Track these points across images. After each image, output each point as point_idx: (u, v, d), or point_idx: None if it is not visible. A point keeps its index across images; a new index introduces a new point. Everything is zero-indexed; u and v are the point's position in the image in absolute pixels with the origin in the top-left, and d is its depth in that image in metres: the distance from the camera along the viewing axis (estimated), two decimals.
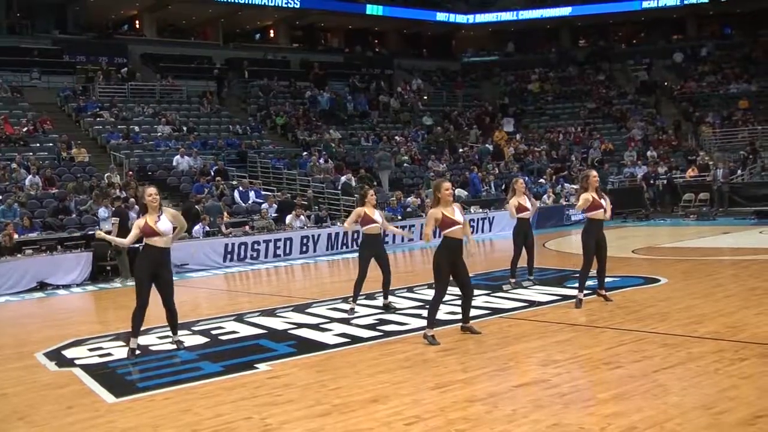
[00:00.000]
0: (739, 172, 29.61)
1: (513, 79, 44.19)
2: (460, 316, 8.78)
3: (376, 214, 10.87)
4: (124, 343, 9.43)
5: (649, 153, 33.37)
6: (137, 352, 8.68)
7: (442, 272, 8.36)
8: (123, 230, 17.70)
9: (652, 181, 28.65)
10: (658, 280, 11.93)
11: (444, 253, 8.34)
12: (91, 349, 9.35)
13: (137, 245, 9.32)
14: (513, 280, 12.15)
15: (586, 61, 44.97)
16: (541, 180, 29.82)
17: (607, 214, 10.06)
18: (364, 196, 11.06)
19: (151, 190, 8.85)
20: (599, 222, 10.10)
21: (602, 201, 10.05)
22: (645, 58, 43.83)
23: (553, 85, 42.85)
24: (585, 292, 10.06)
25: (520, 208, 12.13)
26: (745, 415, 5.34)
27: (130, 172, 24.05)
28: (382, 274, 10.89)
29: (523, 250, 12.27)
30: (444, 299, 8.70)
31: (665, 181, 29.11)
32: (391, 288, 11.14)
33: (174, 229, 8.80)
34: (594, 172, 10.37)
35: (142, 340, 9.27)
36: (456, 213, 8.38)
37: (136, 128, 28.49)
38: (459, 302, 8.83)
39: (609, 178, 30.62)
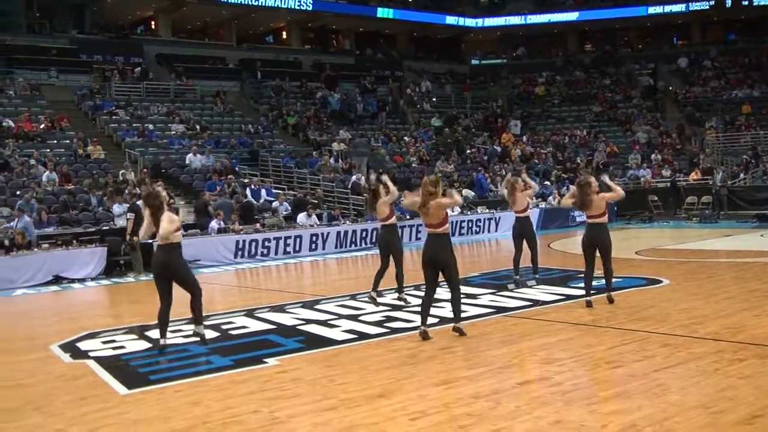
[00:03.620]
0: (742, 175, 29.58)
1: (520, 82, 44.16)
2: (463, 315, 8.75)
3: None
4: (137, 336, 9.49)
5: (653, 156, 33.33)
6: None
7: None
8: (138, 226, 17.80)
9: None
10: (661, 281, 11.92)
11: (450, 245, 8.51)
12: (104, 342, 9.39)
13: (153, 241, 9.35)
14: (517, 277, 12.11)
15: (593, 66, 44.93)
16: (547, 182, 29.78)
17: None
18: (375, 191, 11.11)
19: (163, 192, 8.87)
20: (590, 224, 10.07)
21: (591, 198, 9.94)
22: (650, 63, 43.84)
23: (560, 89, 42.82)
24: (591, 291, 10.03)
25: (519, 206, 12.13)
26: (743, 414, 5.34)
27: (145, 170, 24.11)
28: (396, 267, 11.05)
29: (527, 249, 12.24)
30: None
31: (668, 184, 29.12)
32: (395, 286, 11.21)
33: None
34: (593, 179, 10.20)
35: (154, 333, 9.32)
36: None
37: (151, 126, 28.57)
38: (462, 301, 8.82)
39: (613, 181, 30.50)
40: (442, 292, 11.21)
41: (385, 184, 11.14)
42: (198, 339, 8.92)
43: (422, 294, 8.76)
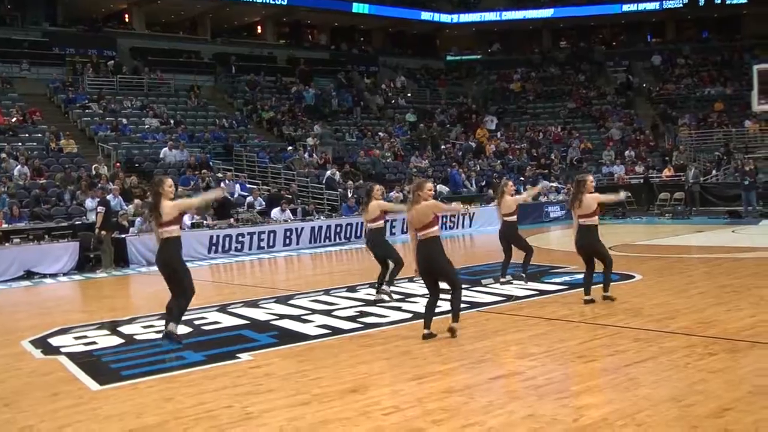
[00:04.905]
0: (714, 172, 29.83)
1: (495, 78, 44.28)
2: (437, 310, 8.71)
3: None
4: (109, 332, 9.43)
5: (626, 153, 33.55)
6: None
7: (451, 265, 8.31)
8: (108, 221, 17.69)
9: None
10: (633, 277, 12.01)
11: (441, 249, 8.21)
12: (76, 338, 9.32)
13: (121, 236, 9.30)
14: (503, 279, 11.96)
15: (567, 62, 45.13)
16: (521, 178, 29.90)
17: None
18: (371, 191, 11.05)
19: (170, 181, 8.65)
20: (579, 226, 9.90)
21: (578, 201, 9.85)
22: (624, 60, 44.12)
23: (535, 85, 42.98)
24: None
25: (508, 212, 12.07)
26: (713, 408, 5.39)
27: (118, 164, 23.92)
28: (394, 263, 10.94)
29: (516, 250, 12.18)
30: (425, 293, 8.67)
31: (641, 181, 29.31)
32: (371, 281, 11.18)
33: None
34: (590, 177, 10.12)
35: (126, 329, 9.24)
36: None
37: (124, 120, 28.33)
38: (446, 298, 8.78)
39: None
40: (417, 288, 11.25)
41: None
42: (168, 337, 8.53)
43: (412, 286, 8.70)
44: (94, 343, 8.97)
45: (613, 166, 32.04)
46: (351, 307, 10.50)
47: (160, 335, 8.77)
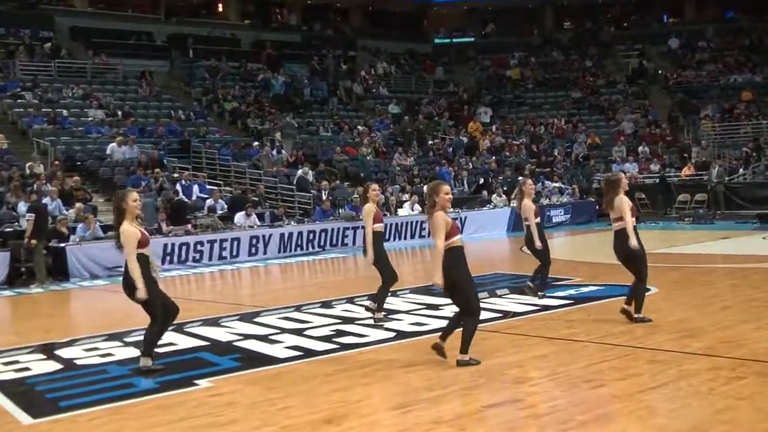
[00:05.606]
0: (741, 170, 29.94)
1: (490, 63, 44.36)
2: (424, 328, 8.74)
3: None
4: (44, 356, 9.35)
5: (640, 149, 33.69)
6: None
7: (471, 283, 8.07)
8: (39, 229, 17.52)
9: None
10: (649, 290, 11.99)
11: (460, 261, 7.96)
12: (5, 363, 9.23)
13: (60, 244, 9.21)
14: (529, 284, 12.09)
15: (572, 46, 45.30)
16: (519, 178, 29.96)
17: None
18: (366, 191, 11.00)
19: (135, 195, 8.57)
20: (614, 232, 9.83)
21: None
22: (637, 44, 44.21)
23: (535, 72, 43.09)
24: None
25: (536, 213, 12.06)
26: None
27: (56, 162, 23.75)
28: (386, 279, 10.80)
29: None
30: (410, 309, 8.68)
31: (657, 180, 29.44)
32: (348, 295, 11.14)
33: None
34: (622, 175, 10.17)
35: (64, 353, 9.16)
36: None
37: (64, 112, 28.17)
38: (422, 312, 8.80)
39: (595, 176, 30.87)
40: (400, 304, 11.24)
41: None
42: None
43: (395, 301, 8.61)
44: (26, 369, 8.89)
45: (624, 163, 32.15)
46: (326, 325, 10.47)
47: (104, 359, 8.72)
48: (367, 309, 10.77)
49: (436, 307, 11.18)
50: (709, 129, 34.86)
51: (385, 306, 10.52)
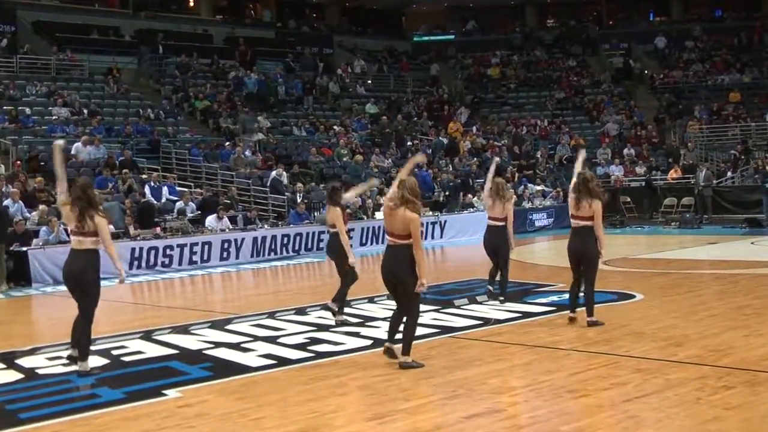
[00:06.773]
0: (729, 174, 30.13)
1: (471, 62, 44.47)
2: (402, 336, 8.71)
3: None
4: (4, 366, 9.27)
5: (625, 151, 33.86)
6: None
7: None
8: (2, 230, 17.39)
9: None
10: (633, 296, 12.11)
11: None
12: None
13: (22, 248, 9.17)
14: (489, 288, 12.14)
15: (555, 44, 45.47)
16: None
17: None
18: (336, 193, 11.01)
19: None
20: (572, 229, 10.09)
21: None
22: (622, 43, 44.47)
23: (517, 71, 43.25)
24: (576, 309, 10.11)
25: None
26: None
27: (18, 163, 23.61)
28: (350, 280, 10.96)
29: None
30: (387, 316, 8.69)
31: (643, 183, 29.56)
32: (326, 302, 11.12)
33: None
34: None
35: (25, 362, 9.09)
36: None
37: (27, 110, 28.00)
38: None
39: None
40: (377, 310, 11.24)
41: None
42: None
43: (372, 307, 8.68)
44: None
45: (609, 166, 32.33)
46: (300, 332, 10.45)
47: (67, 368, 8.67)
48: (328, 309, 10.83)
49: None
50: (696, 131, 35.07)
51: (362, 313, 10.51)
